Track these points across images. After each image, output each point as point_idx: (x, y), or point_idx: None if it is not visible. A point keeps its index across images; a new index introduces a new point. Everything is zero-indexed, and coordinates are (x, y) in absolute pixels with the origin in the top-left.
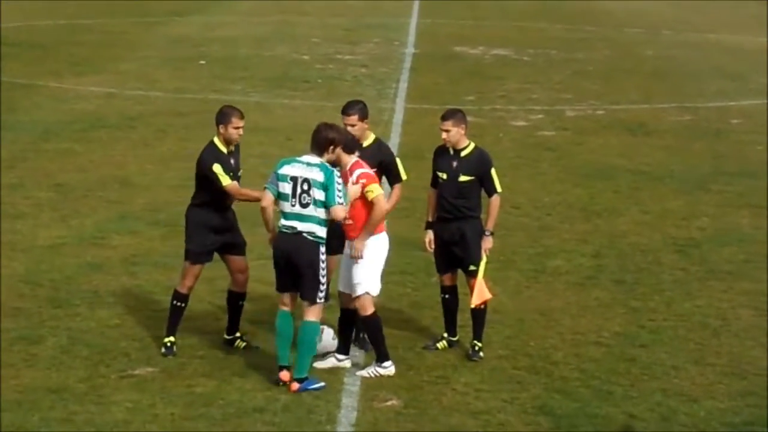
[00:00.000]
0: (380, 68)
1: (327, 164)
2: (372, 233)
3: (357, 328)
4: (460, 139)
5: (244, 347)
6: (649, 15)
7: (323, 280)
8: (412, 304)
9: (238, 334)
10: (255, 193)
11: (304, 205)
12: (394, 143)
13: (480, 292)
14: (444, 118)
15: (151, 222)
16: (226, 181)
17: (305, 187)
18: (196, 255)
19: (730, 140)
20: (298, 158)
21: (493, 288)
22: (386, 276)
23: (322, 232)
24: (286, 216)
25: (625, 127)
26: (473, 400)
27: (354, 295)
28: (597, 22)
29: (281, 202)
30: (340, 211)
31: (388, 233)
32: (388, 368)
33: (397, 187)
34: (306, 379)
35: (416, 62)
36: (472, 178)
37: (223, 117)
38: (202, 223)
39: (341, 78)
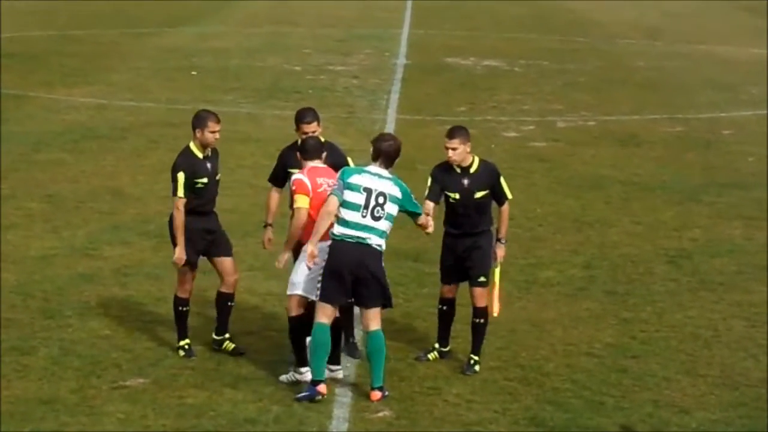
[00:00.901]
0: (372, 79)
1: (398, 178)
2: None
3: (341, 336)
4: (466, 156)
5: (233, 349)
6: (640, 26)
7: (389, 287)
8: (404, 315)
9: (227, 335)
10: (181, 225)
11: (377, 218)
12: None
13: (499, 300)
14: (450, 136)
15: (142, 233)
16: (180, 193)
17: (381, 200)
18: (186, 261)
19: (722, 151)
20: (365, 168)
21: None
22: None
23: (384, 243)
24: (353, 226)
25: (617, 138)
26: (465, 411)
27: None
28: (588, 34)
29: (348, 211)
30: (423, 219)
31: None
32: (305, 374)
33: None
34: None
35: (408, 73)
36: (486, 192)
37: (199, 121)
38: (190, 229)
39: (332, 89)
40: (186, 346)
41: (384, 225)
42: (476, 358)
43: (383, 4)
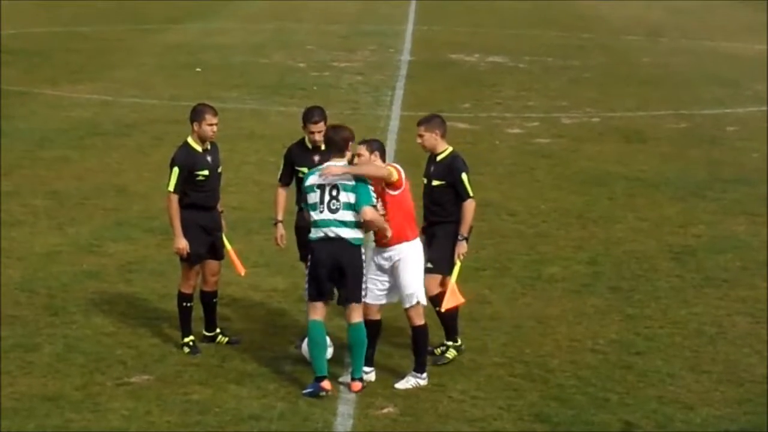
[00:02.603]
0: (376, 75)
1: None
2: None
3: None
4: (436, 144)
5: (227, 342)
6: (645, 22)
7: (365, 279)
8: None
9: (218, 330)
10: (175, 215)
11: (334, 211)
12: (390, 150)
13: (452, 296)
14: (418, 123)
15: (147, 229)
16: (171, 187)
17: (334, 193)
18: (191, 255)
19: (726, 147)
20: (317, 168)
21: (489, 295)
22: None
23: (359, 234)
24: (317, 225)
25: (621, 134)
26: (469, 407)
27: (407, 306)
28: (593, 30)
29: (310, 213)
30: (370, 211)
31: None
32: (369, 374)
33: None
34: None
35: (412, 70)
36: (443, 182)
37: (196, 114)
38: (194, 223)
39: (337, 85)
40: (190, 343)
41: (345, 215)
42: (449, 344)
43: (387, 1)
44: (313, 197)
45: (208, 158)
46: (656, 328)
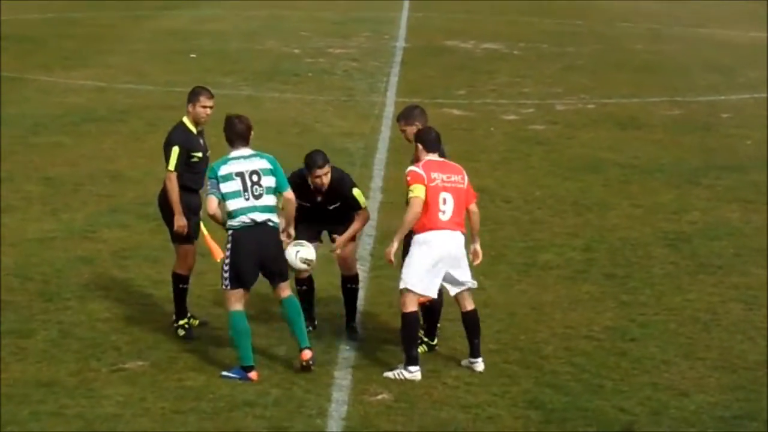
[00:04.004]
0: (371, 62)
1: (260, 151)
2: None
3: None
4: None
5: (198, 324)
6: (639, 9)
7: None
8: None
9: (189, 315)
10: (176, 195)
11: (258, 196)
12: (384, 137)
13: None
14: (397, 119)
15: (141, 216)
16: (172, 166)
17: (255, 178)
18: (190, 235)
19: (720, 134)
20: (229, 157)
21: (483, 281)
22: (379, 270)
23: (277, 218)
24: (243, 212)
25: (616, 121)
26: (464, 393)
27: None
28: (587, 16)
29: (233, 201)
30: (290, 194)
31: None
32: (415, 373)
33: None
34: None
35: (407, 56)
36: None
37: (192, 96)
38: (185, 205)
39: (332, 72)
40: (185, 326)
41: (268, 200)
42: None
43: None
44: (234, 185)
45: (201, 141)
46: (651, 315)
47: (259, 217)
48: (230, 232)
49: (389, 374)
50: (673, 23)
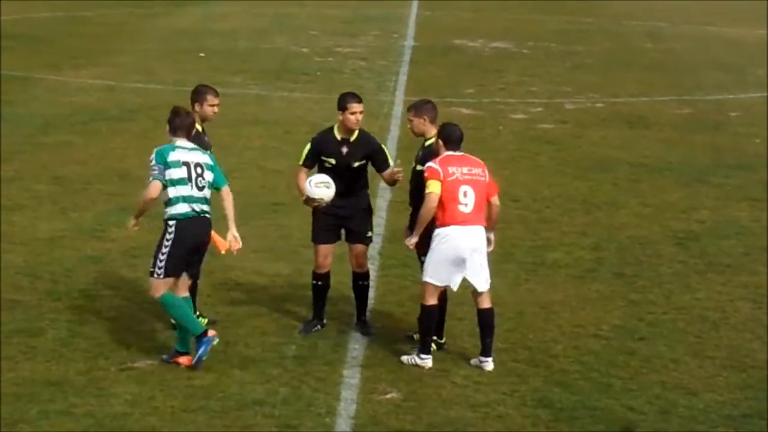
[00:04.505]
0: (379, 61)
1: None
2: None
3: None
4: (425, 129)
5: (207, 323)
6: (648, 7)
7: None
8: (412, 297)
9: (197, 313)
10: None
11: (201, 188)
12: (393, 136)
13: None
14: (408, 108)
15: (150, 215)
16: None
17: (199, 171)
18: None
19: (729, 133)
20: (176, 144)
21: (492, 280)
22: (388, 269)
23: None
24: (190, 200)
25: (625, 119)
26: (473, 392)
27: (484, 289)
28: (596, 15)
29: (180, 188)
30: (228, 190)
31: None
32: (426, 360)
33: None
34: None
35: (416, 55)
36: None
37: (198, 95)
38: None
39: (340, 71)
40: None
41: (207, 193)
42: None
43: None
44: (180, 173)
45: (206, 138)
46: (659, 314)
47: (200, 207)
48: (172, 222)
49: (404, 358)
50: (681, 21)
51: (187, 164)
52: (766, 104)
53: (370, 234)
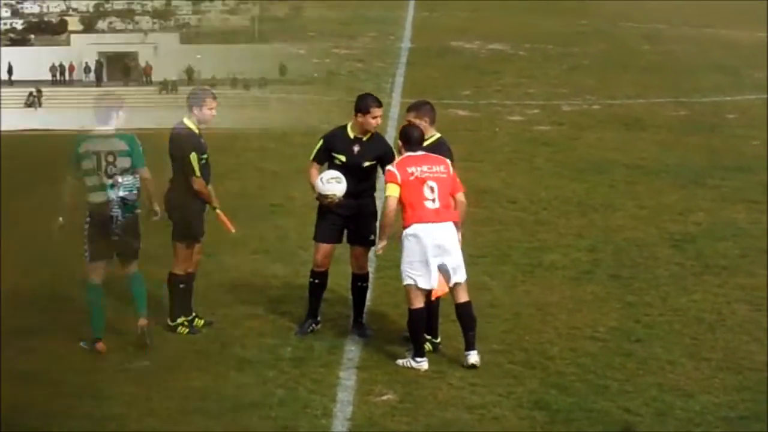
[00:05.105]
0: (376, 63)
1: (124, 133)
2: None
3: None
4: (424, 130)
5: (203, 324)
6: (645, 9)
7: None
8: None
9: (194, 314)
10: (212, 194)
11: (111, 176)
12: (390, 137)
13: (440, 284)
14: (407, 109)
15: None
16: (198, 173)
17: (110, 159)
18: (193, 236)
19: (725, 135)
20: (90, 135)
21: (489, 282)
22: (383, 270)
23: (136, 198)
24: (96, 189)
25: (621, 121)
26: (469, 394)
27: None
28: (592, 17)
29: (88, 178)
30: (147, 172)
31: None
32: (421, 363)
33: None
34: None
35: (412, 57)
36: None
37: (196, 99)
38: (198, 206)
39: (337, 72)
40: (185, 323)
41: (122, 179)
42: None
43: None
44: (89, 163)
45: (202, 141)
46: (656, 316)
47: (109, 195)
48: (88, 210)
49: (400, 362)
50: (678, 24)
51: (96, 153)
52: (763, 106)
53: (372, 237)
